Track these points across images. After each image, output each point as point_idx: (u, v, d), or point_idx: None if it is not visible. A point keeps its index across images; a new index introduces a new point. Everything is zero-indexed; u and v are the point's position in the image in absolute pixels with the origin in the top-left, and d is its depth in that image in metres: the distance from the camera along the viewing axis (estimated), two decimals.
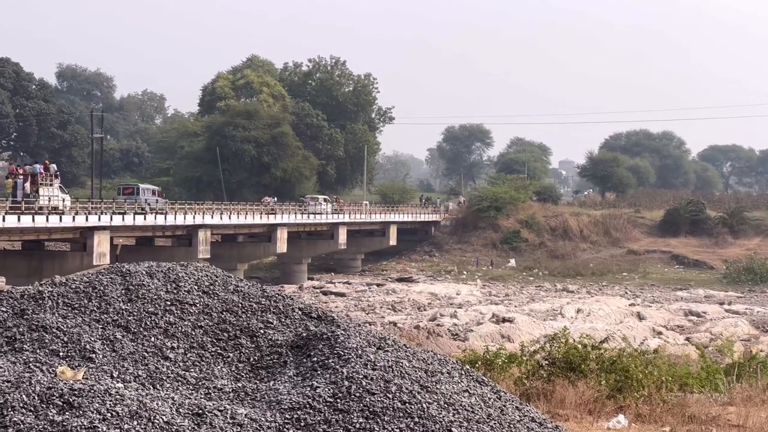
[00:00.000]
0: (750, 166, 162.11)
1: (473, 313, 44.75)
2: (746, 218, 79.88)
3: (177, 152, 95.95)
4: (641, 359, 14.22)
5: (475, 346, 24.66)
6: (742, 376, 16.20)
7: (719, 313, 49.06)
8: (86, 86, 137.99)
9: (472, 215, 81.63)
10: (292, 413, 7.67)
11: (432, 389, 8.45)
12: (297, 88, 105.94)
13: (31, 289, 9.47)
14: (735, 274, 66.52)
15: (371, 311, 48.00)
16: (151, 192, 61.36)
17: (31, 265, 44.84)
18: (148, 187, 62.91)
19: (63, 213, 43.61)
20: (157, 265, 10.38)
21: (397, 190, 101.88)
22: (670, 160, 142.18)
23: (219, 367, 8.92)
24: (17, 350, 8.31)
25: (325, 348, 8.98)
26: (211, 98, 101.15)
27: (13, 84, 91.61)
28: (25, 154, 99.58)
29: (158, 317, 9.32)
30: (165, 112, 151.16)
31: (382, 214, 75.65)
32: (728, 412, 12.80)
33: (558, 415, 11.87)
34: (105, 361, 8.43)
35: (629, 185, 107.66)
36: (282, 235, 60.17)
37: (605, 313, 46.26)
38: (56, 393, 6.99)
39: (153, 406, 7.13)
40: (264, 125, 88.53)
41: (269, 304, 10.09)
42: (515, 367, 14.29)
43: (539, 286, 64.34)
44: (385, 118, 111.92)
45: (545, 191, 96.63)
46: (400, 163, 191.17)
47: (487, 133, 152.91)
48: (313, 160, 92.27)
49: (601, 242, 78.26)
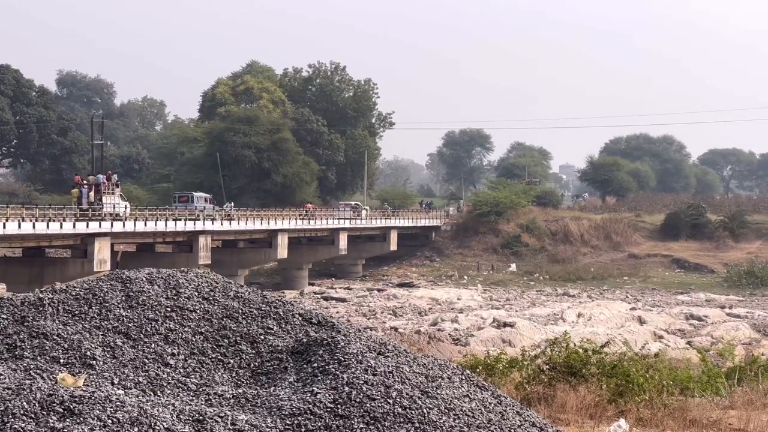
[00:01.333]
0: (750, 170, 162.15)
1: (474, 318, 44.71)
2: (747, 222, 79.84)
3: (177, 158, 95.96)
4: (642, 363, 14.24)
5: (476, 350, 24.64)
6: (744, 379, 16.21)
7: (720, 316, 49.00)
8: (86, 93, 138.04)
9: (473, 220, 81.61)
10: (292, 419, 7.67)
11: (433, 394, 8.45)
12: (297, 93, 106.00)
13: (31, 296, 9.48)
14: (736, 277, 66.48)
15: (372, 316, 47.98)
16: (203, 199, 67.31)
17: (31, 272, 44.87)
18: (200, 195, 68.70)
19: (124, 219, 48.93)
20: (158, 272, 10.39)
21: (397, 196, 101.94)
22: (670, 164, 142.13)
23: (219, 373, 8.92)
24: (18, 357, 8.31)
25: (326, 354, 8.98)
26: (211, 104, 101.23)
27: (14, 91, 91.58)
28: (25, 161, 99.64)
29: (159, 324, 9.32)
30: (165, 118, 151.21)
31: (383, 219, 75.70)
32: (729, 416, 12.79)
33: (559, 419, 11.86)
34: (105, 367, 8.43)
35: (630, 189, 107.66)
36: (282, 241, 60.21)
37: (606, 317, 46.22)
38: (57, 400, 6.99)
39: (154, 412, 7.13)
40: (264, 131, 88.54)
41: (270, 310, 10.09)
42: (516, 371, 14.28)
43: (540, 290, 64.32)
44: (385, 124, 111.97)
45: (545, 196, 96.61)
46: (400, 168, 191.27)
47: (487, 138, 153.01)
48: (314, 165, 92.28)
49: (602, 246, 78.23)
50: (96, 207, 47.92)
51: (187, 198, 66.75)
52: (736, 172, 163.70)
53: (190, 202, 65.15)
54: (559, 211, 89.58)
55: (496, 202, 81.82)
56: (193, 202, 65.32)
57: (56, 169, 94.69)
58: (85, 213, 46.06)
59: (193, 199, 66.07)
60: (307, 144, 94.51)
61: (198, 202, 65.56)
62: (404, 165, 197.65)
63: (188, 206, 63.07)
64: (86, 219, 45.10)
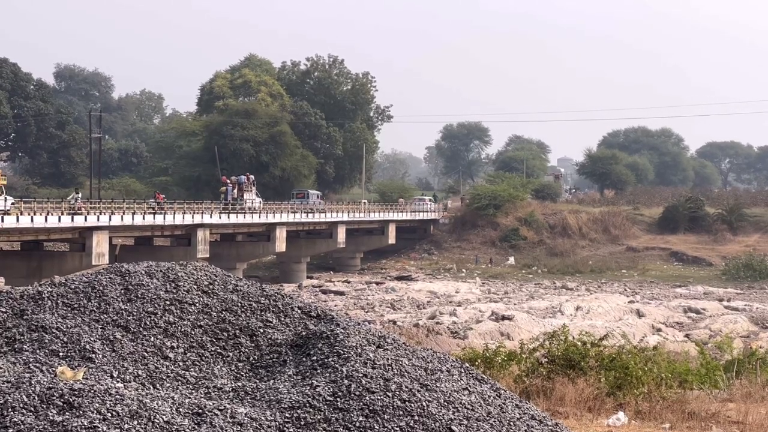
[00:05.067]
0: (748, 163, 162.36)
1: (472, 311, 44.73)
2: (745, 215, 79.85)
3: (175, 152, 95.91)
4: (641, 356, 14.25)
5: (475, 344, 24.65)
6: (742, 372, 16.23)
7: (718, 309, 49.05)
8: (84, 86, 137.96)
9: (471, 213, 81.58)
10: (291, 412, 7.68)
11: (432, 387, 8.45)
12: (295, 87, 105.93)
13: (30, 290, 9.48)
14: (734, 270, 66.52)
15: (370, 310, 47.99)
16: (316, 196, 78.33)
17: (30, 266, 44.87)
18: (314, 192, 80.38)
19: (258, 212, 59.31)
20: (156, 265, 10.38)
21: (395, 189, 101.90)
22: (668, 157, 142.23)
23: (219, 366, 8.92)
24: (17, 351, 8.31)
25: (325, 347, 8.98)
26: (210, 98, 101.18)
27: (11, 84, 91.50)
28: (23, 155, 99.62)
29: (158, 317, 9.32)
30: (163, 111, 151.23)
31: (381, 213, 75.71)
32: (728, 409, 12.82)
33: (558, 412, 11.88)
34: (105, 360, 8.43)
35: (628, 182, 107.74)
36: (281, 234, 60.15)
37: (604, 310, 46.27)
38: (56, 393, 6.99)
39: (153, 405, 7.13)
40: (262, 124, 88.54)
41: (268, 303, 10.09)
42: (515, 364, 14.30)
43: (538, 283, 64.35)
44: (383, 117, 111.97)
45: (544, 189, 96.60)
46: (398, 161, 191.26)
47: (485, 131, 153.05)
48: (312, 159, 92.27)
49: (600, 240, 78.25)
50: (240, 202, 59.10)
51: (303, 194, 76.90)
52: (734, 165, 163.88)
53: (306, 198, 75.24)
54: (558, 205, 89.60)
55: (495, 196, 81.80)
56: (308, 198, 75.61)
57: (54, 162, 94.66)
58: (231, 207, 57.35)
59: (308, 196, 76.51)
60: (305, 137, 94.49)
61: (312, 198, 75.82)
62: (402, 158, 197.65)
63: (304, 202, 72.72)
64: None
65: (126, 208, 49.86)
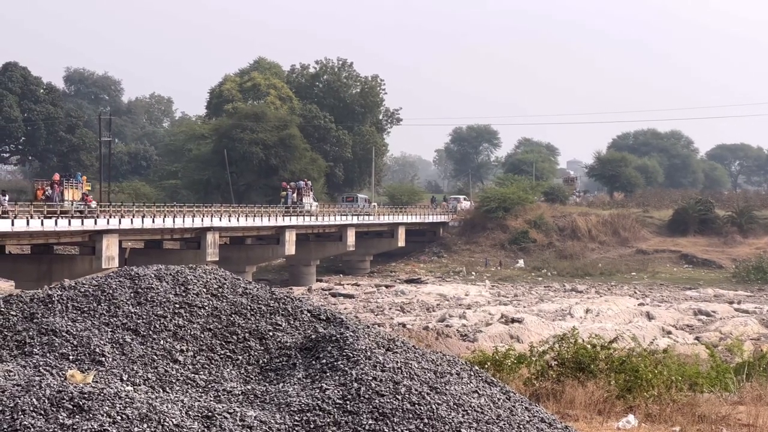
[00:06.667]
0: (759, 165, 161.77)
1: (482, 314, 44.69)
2: (755, 217, 79.59)
3: (185, 155, 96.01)
4: (651, 359, 14.20)
5: (484, 346, 24.62)
6: (752, 375, 16.17)
7: (729, 312, 48.90)
8: (94, 90, 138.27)
9: (481, 216, 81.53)
10: (301, 415, 7.68)
11: (441, 390, 8.45)
12: (304, 90, 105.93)
13: (40, 293, 9.51)
14: (744, 273, 66.35)
15: (380, 313, 47.99)
16: (364, 200, 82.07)
17: (40, 269, 44.97)
18: (362, 196, 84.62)
19: (316, 215, 64.51)
20: (166, 268, 10.40)
21: (405, 192, 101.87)
22: (678, 159, 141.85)
23: (228, 369, 8.93)
24: (27, 354, 8.34)
25: (334, 350, 8.98)
26: (219, 101, 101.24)
27: (21, 88, 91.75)
28: (33, 158, 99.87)
29: (167, 320, 9.34)
30: (173, 115, 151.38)
31: (391, 215, 75.74)
32: (738, 412, 12.78)
33: (567, 415, 11.87)
34: (114, 364, 8.45)
35: (637, 185, 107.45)
36: (290, 238, 60.19)
37: (614, 313, 46.17)
38: (66, 396, 7.00)
39: (163, 408, 7.14)
40: (271, 127, 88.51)
41: (278, 306, 10.10)
42: (524, 367, 14.27)
43: (548, 286, 64.26)
44: (392, 120, 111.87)
45: (553, 191, 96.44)
46: (408, 164, 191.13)
47: (494, 134, 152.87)
48: (321, 162, 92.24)
49: (610, 242, 78.09)
50: (299, 206, 63.98)
51: (352, 198, 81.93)
52: (744, 167, 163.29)
53: (355, 202, 79.77)
54: (567, 207, 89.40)
55: (504, 198, 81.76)
56: (356, 201, 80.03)
57: (64, 166, 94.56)
58: (289, 210, 61.99)
59: (356, 200, 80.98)
60: (314, 140, 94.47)
61: (360, 202, 79.79)
62: (412, 161, 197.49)
63: (353, 205, 76.96)
64: (94, 216, 45.15)
65: (136, 211, 49.95)
